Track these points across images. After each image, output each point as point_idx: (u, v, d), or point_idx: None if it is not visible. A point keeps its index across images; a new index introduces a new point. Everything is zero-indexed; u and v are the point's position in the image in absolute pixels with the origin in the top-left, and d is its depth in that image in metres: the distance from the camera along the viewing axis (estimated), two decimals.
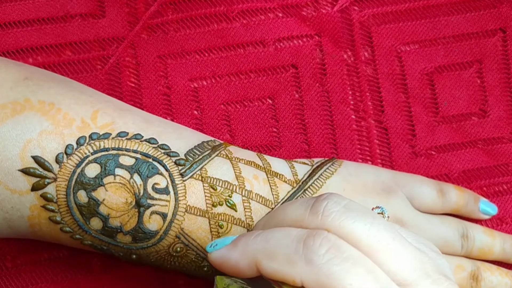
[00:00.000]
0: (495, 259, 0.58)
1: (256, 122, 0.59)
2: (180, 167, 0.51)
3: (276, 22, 0.60)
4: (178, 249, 0.51)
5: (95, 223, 0.50)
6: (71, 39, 0.59)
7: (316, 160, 0.56)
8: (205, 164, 0.51)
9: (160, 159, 0.50)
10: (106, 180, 0.49)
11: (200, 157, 0.51)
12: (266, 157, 0.54)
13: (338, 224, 0.42)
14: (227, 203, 0.51)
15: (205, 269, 0.52)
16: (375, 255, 0.41)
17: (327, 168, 0.54)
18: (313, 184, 0.53)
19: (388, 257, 0.42)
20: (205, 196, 0.51)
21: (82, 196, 0.49)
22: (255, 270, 0.43)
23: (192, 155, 0.51)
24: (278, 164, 0.54)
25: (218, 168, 0.52)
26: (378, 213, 0.46)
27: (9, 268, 0.57)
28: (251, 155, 0.54)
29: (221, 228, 0.51)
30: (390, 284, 0.41)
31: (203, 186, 0.51)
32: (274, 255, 0.42)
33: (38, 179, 0.49)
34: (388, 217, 0.46)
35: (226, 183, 0.51)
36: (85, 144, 0.50)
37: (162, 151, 0.51)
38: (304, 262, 0.41)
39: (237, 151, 0.53)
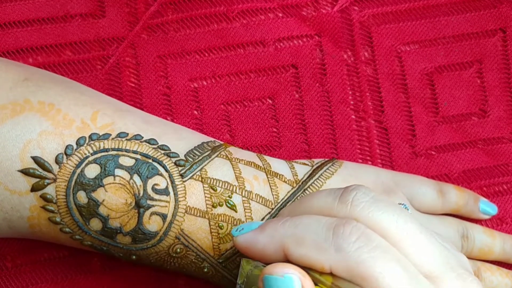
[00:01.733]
0: (495, 259, 0.58)
1: (256, 122, 0.59)
2: (180, 168, 0.51)
3: (276, 22, 0.60)
4: (178, 250, 0.51)
5: (95, 224, 0.50)
6: (71, 39, 0.59)
7: (316, 160, 0.56)
8: (205, 165, 0.51)
9: (160, 159, 0.50)
10: (106, 180, 0.49)
11: (200, 157, 0.51)
12: (266, 157, 0.54)
13: (367, 214, 0.43)
14: (227, 203, 0.51)
15: (205, 270, 0.52)
16: (402, 246, 0.42)
17: (327, 169, 0.54)
18: (313, 184, 0.53)
19: (416, 249, 0.42)
20: (205, 196, 0.50)
21: (82, 196, 0.49)
22: (282, 255, 0.43)
23: (192, 156, 0.51)
24: (278, 165, 0.54)
25: (218, 168, 0.51)
26: None
27: (9, 268, 0.57)
28: (251, 156, 0.54)
29: (221, 229, 0.51)
30: (418, 274, 0.42)
31: (203, 186, 0.51)
32: (303, 240, 0.42)
33: (37, 179, 0.49)
34: (411, 213, 0.46)
35: (226, 184, 0.51)
36: (85, 145, 0.50)
37: (162, 151, 0.51)
38: (334, 249, 0.41)
39: (237, 152, 0.53)
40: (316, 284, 0.42)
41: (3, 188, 0.49)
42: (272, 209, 0.52)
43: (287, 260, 0.43)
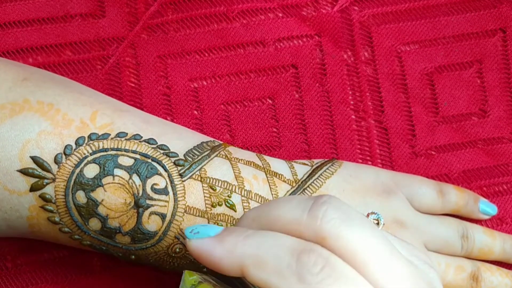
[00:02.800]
0: (495, 259, 0.58)
1: (256, 122, 0.59)
2: (179, 168, 0.51)
3: (276, 22, 0.60)
4: (177, 249, 0.51)
5: (94, 224, 0.50)
6: (71, 39, 0.59)
7: (316, 161, 0.56)
8: (205, 165, 0.51)
9: (159, 159, 0.50)
10: (105, 180, 0.49)
11: (199, 157, 0.51)
12: (266, 157, 0.54)
13: (336, 233, 0.40)
14: (226, 203, 0.51)
15: (204, 270, 0.51)
16: (370, 271, 0.40)
17: (327, 169, 0.54)
18: (312, 184, 0.53)
19: (384, 273, 0.40)
20: (204, 196, 0.50)
21: (81, 196, 0.49)
22: (239, 272, 0.41)
23: (191, 155, 0.51)
24: (277, 164, 0.54)
25: (218, 168, 0.51)
26: (374, 219, 0.45)
27: (9, 268, 0.57)
28: (250, 156, 0.53)
29: None
30: None
31: (202, 186, 0.51)
32: (264, 264, 0.40)
33: (36, 179, 0.49)
34: (384, 224, 0.45)
35: (226, 183, 0.51)
36: (84, 145, 0.50)
37: (161, 151, 0.51)
38: (296, 278, 0.40)
39: (236, 152, 0.53)
40: None
41: (2, 188, 0.49)
42: None
43: (243, 276, 0.42)
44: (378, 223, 0.44)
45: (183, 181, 0.50)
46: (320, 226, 0.41)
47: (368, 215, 0.44)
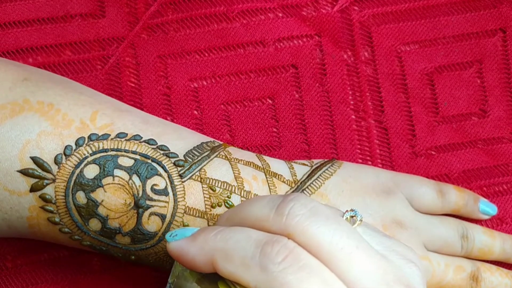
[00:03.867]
0: (495, 259, 0.58)
1: (256, 122, 0.59)
2: (179, 168, 0.51)
3: (276, 22, 0.60)
4: None
5: (94, 224, 0.50)
6: (71, 39, 0.59)
7: (315, 161, 0.56)
8: (204, 165, 0.51)
9: (159, 160, 0.50)
10: (105, 181, 0.49)
11: (199, 158, 0.51)
12: (265, 157, 0.54)
13: (301, 228, 0.41)
14: (226, 204, 0.51)
15: None
16: (335, 263, 0.41)
17: (327, 169, 0.54)
18: (311, 185, 0.53)
19: (349, 266, 0.41)
20: (204, 197, 0.50)
21: (81, 197, 0.49)
22: (211, 267, 0.42)
23: (191, 156, 0.51)
24: (277, 165, 0.54)
25: (217, 169, 0.51)
26: (351, 216, 0.44)
27: (9, 268, 0.57)
28: (250, 156, 0.53)
29: None
30: None
31: (202, 187, 0.51)
32: (231, 256, 0.41)
33: (37, 180, 0.49)
34: (361, 220, 0.45)
35: (225, 184, 0.51)
36: (84, 145, 0.50)
37: (161, 152, 0.51)
38: (259, 268, 0.40)
39: (236, 152, 0.53)
40: None
41: (3, 189, 0.49)
42: None
43: (215, 271, 0.42)
44: (355, 220, 0.44)
45: (183, 181, 0.50)
46: (285, 222, 0.41)
47: (346, 212, 0.44)
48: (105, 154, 0.50)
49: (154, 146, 0.51)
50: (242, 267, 0.41)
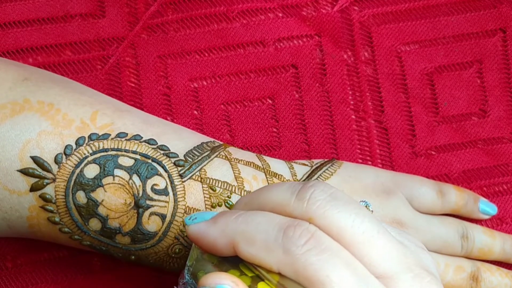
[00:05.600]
0: (495, 259, 0.58)
1: (256, 122, 0.59)
2: (179, 168, 0.51)
3: (276, 22, 0.60)
4: (177, 250, 0.51)
5: (94, 224, 0.50)
6: (71, 39, 0.59)
7: (316, 161, 0.56)
8: (204, 165, 0.51)
9: (159, 160, 0.50)
10: (105, 180, 0.49)
11: (199, 158, 0.51)
12: (266, 157, 0.54)
13: (322, 212, 0.41)
14: (226, 204, 0.51)
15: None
16: (357, 246, 0.41)
17: (327, 169, 0.54)
18: None
19: (371, 250, 0.41)
20: (204, 197, 0.50)
21: (81, 196, 0.49)
22: (232, 250, 0.42)
23: (191, 156, 0.51)
24: (277, 165, 0.54)
25: (217, 169, 0.51)
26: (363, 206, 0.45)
27: (9, 268, 0.57)
28: (250, 156, 0.53)
29: None
30: (368, 276, 0.41)
31: (202, 187, 0.51)
32: (253, 239, 0.41)
33: (37, 179, 0.49)
34: (372, 211, 0.45)
35: (225, 184, 0.51)
36: (84, 145, 0.50)
37: (162, 152, 0.51)
38: (282, 250, 0.40)
39: (236, 152, 0.53)
40: (262, 280, 0.42)
41: (2, 188, 0.49)
42: None
43: (236, 254, 0.42)
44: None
45: (183, 181, 0.50)
46: (306, 207, 0.42)
47: (359, 202, 0.45)
48: (105, 153, 0.50)
49: (154, 146, 0.51)
50: (265, 249, 0.41)
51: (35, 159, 0.49)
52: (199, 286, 0.41)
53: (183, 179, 0.50)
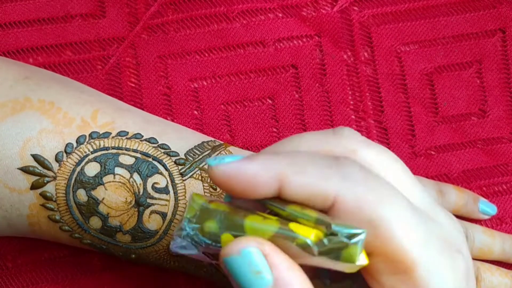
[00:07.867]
0: (495, 259, 0.58)
1: (256, 122, 0.59)
2: (180, 167, 0.51)
3: (276, 22, 0.60)
4: None
5: (95, 222, 0.50)
6: (71, 39, 0.59)
7: None
8: (205, 164, 0.51)
9: (160, 158, 0.50)
10: (105, 179, 0.49)
11: (200, 157, 0.51)
12: None
13: (364, 147, 0.40)
14: None
15: (205, 269, 0.52)
16: (402, 182, 0.40)
17: None
18: None
19: (413, 187, 0.41)
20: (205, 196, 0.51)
21: (82, 195, 0.49)
22: (275, 185, 0.39)
23: (192, 155, 0.51)
24: None
25: None
26: None
27: (9, 268, 0.57)
28: None
29: None
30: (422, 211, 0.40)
31: (203, 186, 0.51)
32: (304, 168, 0.39)
33: (37, 177, 0.49)
34: None
35: None
36: (85, 143, 0.50)
37: (162, 150, 0.51)
38: (340, 176, 0.38)
39: (237, 152, 0.53)
40: (295, 221, 0.39)
41: (3, 186, 0.49)
42: None
43: (278, 193, 0.39)
44: None
45: (183, 180, 0.50)
46: (347, 142, 0.41)
47: None
48: (106, 152, 0.50)
49: (155, 145, 0.51)
50: (319, 177, 0.38)
51: (35, 157, 0.49)
52: (222, 258, 0.38)
53: (184, 178, 0.50)
